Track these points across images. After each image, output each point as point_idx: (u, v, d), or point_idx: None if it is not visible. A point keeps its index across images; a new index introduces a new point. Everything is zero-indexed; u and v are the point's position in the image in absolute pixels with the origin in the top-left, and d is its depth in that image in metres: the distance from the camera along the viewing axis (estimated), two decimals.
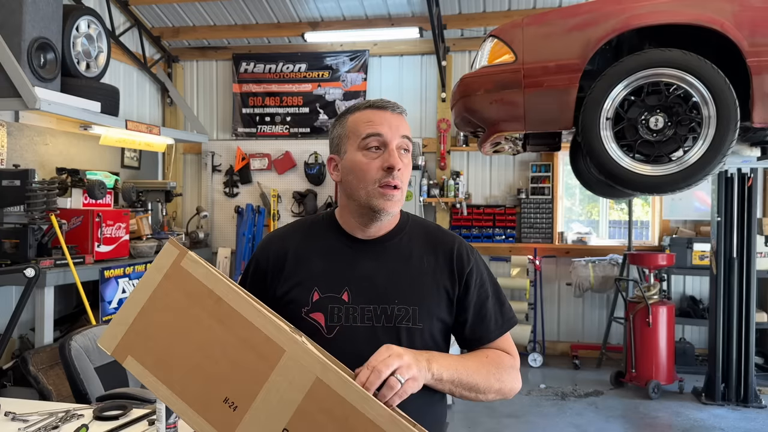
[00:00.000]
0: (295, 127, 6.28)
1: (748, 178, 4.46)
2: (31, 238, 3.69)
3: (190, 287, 1.07)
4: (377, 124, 1.32)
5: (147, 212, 5.11)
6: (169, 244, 1.11)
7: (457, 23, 5.72)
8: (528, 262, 5.70)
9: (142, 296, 1.10)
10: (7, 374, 3.70)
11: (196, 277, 1.08)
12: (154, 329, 1.08)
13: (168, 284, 1.09)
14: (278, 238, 1.46)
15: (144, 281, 1.11)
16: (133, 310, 1.09)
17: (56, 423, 1.75)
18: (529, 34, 2.92)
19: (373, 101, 1.38)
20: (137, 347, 1.07)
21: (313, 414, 0.98)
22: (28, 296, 2.55)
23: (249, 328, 1.04)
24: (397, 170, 1.30)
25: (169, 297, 1.08)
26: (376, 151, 1.32)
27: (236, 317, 1.05)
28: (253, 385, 1.01)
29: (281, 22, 6.03)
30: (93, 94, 4.43)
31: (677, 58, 2.66)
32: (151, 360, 1.06)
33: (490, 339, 1.42)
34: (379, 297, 1.34)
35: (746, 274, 4.49)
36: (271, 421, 0.99)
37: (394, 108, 1.36)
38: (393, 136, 1.32)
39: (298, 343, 1.02)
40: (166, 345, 1.07)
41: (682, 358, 5.20)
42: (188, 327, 1.07)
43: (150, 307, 1.09)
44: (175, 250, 1.10)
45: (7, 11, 3.83)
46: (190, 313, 1.07)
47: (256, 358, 1.02)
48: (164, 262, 1.10)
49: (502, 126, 3.02)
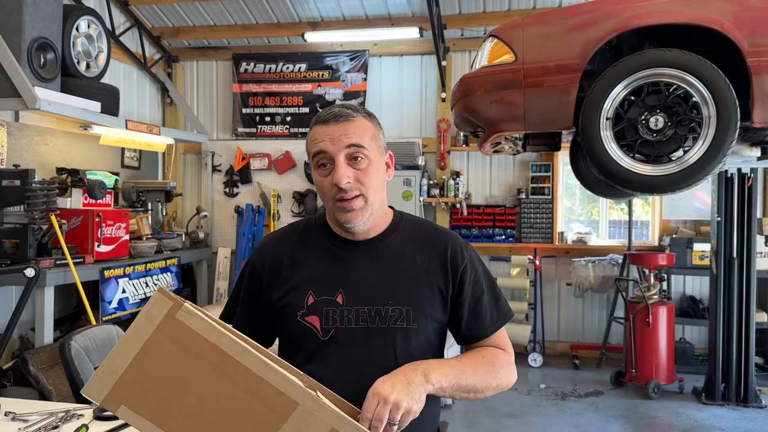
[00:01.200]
0: (295, 127, 6.28)
1: (748, 178, 4.46)
2: (31, 238, 3.69)
3: (188, 341, 1.04)
4: (320, 140, 1.31)
5: (147, 212, 5.11)
6: (159, 294, 1.05)
7: (457, 23, 5.72)
8: (528, 262, 5.70)
9: (133, 348, 1.05)
10: (7, 374, 3.70)
11: (195, 330, 1.04)
12: (149, 380, 1.05)
13: (161, 337, 1.04)
14: (273, 243, 1.47)
15: (133, 331, 1.05)
16: (124, 361, 1.05)
17: (56, 423, 1.75)
18: (529, 34, 2.91)
19: (318, 115, 1.35)
20: (131, 397, 1.04)
21: None
22: (28, 296, 2.55)
23: (258, 381, 1.02)
24: (346, 183, 1.29)
25: (163, 350, 1.04)
26: (326, 168, 1.32)
27: (243, 371, 1.02)
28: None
29: (281, 22, 6.03)
30: (93, 94, 4.43)
31: (677, 58, 2.66)
32: (148, 410, 1.03)
33: (486, 334, 1.43)
34: (373, 298, 1.34)
35: (746, 274, 4.49)
36: None
37: (337, 118, 1.31)
38: (336, 149, 1.29)
39: (312, 397, 1.01)
40: (165, 396, 1.04)
41: (682, 358, 5.20)
42: (189, 379, 1.04)
43: (143, 358, 1.05)
44: (168, 302, 1.04)
45: (7, 11, 3.83)
46: (190, 365, 1.04)
47: (267, 410, 1.02)
48: (155, 313, 1.05)
49: (502, 126, 3.02)
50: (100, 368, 1.06)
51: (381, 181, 1.36)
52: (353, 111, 1.33)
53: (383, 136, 1.40)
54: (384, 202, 1.41)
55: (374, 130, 1.36)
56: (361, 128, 1.32)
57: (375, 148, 1.35)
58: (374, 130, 1.36)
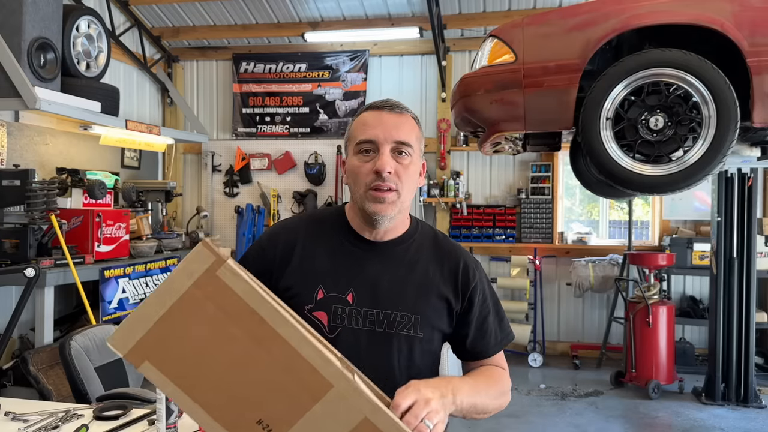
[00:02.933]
0: (295, 127, 6.28)
1: (748, 178, 4.46)
2: (31, 238, 3.68)
3: (228, 303, 0.97)
4: (371, 126, 1.31)
5: (147, 212, 5.11)
6: (202, 246, 0.98)
7: (457, 23, 5.72)
8: (528, 262, 5.70)
9: (167, 300, 0.99)
10: (7, 374, 3.70)
11: (235, 291, 0.97)
12: (179, 338, 0.99)
13: (199, 293, 0.98)
14: (287, 229, 1.44)
15: (170, 284, 0.99)
16: (155, 314, 0.99)
17: (56, 423, 1.75)
18: (529, 34, 2.92)
19: (374, 102, 1.37)
20: (157, 353, 0.99)
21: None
22: (28, 296, 2.55)
23: (294, 356, 0.96)
24: (387, 173, 1.27)
25: (199, 308, 0.98)
26: (368, 155, 1.31)
27: (279, 342, 0.96)
28: (292, 414, 0.96)
29: (281, 22, 6.03)
30: (93, 94, 4.42)
31: (677, 58, 2.66)
32: (173, 369, 0.99)
33: (488, 354, 1.44)
34: (383, 302, 1.34)
35: (746, 274, 4.49)
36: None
37: (392, 108, 1.33)
38: (386, 139, 1.29)
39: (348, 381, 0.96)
40: (194, 357, 0.99)
41: (682, 358, 5.20)
42: (221, 344, 0.98)
43: (176, 313, 0.98)
44: (211, 256, 0.97)
45: (7, 11, 3.82)
46: (225, 329, 0.98)
47: (299, 387, 0.97)
48: (196, 267, 0.98)
49: (502, 126, 3.02)
50: (129, 318, 1.00)
51: (415, 183, 1.37)
52: (405, 109, 1.36)
53: (423, 140, 1.42)
54: (409, 207, 1.41)
55: (419, 134, 1.38)
56: (410, 127, 1.34)
57: (417, 150, 1.36)
58: (419, 134, 1.38)
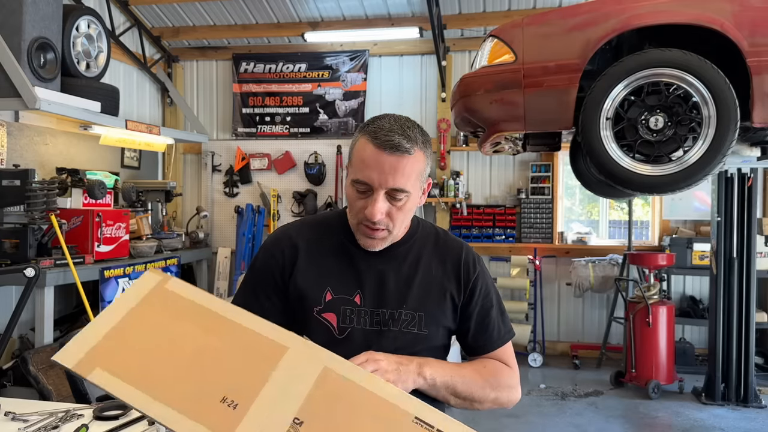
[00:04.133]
0: (295, 127, 6.28)
1: (748, 178, 4.46)
2: (31, 238, 3.68)
3: (178, 306, 1.06)
4: (368, 168, 1.24)
5: (147, 212, 5.11)
6: (149, 272, 1.10)
7: (457, 23, 5.72)
8: (528, 262, 5.70)
9: (114, 316, 1.05)
10: (7, 374, 3.70)
11: (184, 296, 1.07)
12: (131, 343, 1.02)
13: (147, 306, 1.06)
14: (291, 232, 1.44)
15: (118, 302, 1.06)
16: (102, 328, 1.04)
17: (56, 423, 1.75)
18: (529, 34, 2.91)
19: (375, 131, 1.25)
20: (108, 360, 1.00)
21: (323, 400, 0.99)
22: (28, 296, 2.55)
23: (248, 333, 1.03)
24: (378, 219, 1.26)
25: (150, 316, 1.05)
26: (363, 194, 1.28)
27: (232, 326, 1.04)
28: (255, 383, 0.99)
29: (281, 22, 6.03)
30: (93, 94, 4.42)
31: (677, 58, 2.66)
32: (126, 370, 0.99)
33: (492, 348, 1.43)
34: (389, 301, 1.35)
35: (746, 274, 4.48)
36: (278, 412, 0.97)
37: (393, 150, 1.22)
38: (380, 185, 1.24)
39: (302, 340, 1.04)
40: (147, 356, 1.01)
41: (682, 358, 5.20)
42: (175, 340, 1.03)
43: (127, 323, 1.04)
44: (157, 276, 1.09)
45: (7, 11, 3.82)
46: (177, 328, 1.04)
47: (258, 358, 1.01)
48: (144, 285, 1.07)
49: (502, 126, 3.02)
50: (76, 335, 1.04)
51: (410, 215, 1.35)
52: (411, 144, 1.24)
53: (430, 164, 1.33)
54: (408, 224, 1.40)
55: (424, 166, 1.30)
56: (411, 167, 1.25)
57: (418, 186, 1.30)
58: (424, 165, 1.30)
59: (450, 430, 0.96)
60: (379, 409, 0.98)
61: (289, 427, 0.96)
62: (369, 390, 1.00)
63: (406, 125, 1.27)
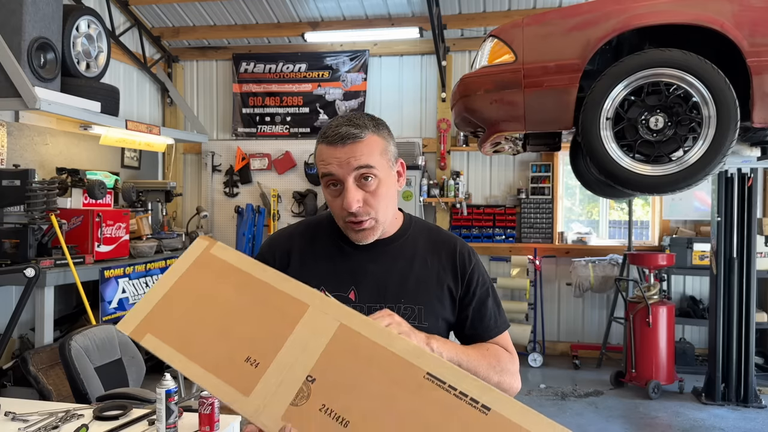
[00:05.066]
0: (295, 127, 6.28)
1: (748, 178, 4.46)
2: (31, 238, 3.68)
3: (219, 269, 1.15)
4: (327, 162, 1.27)
5: (147, 212, 5.11)
6: (199, 238, 1.21)
7: (457, 23, 5.72)
8: (528, 262, 5.70)
9: (168, 282, 1.16)
10: (7, 374, 3.70)
11: (225, 260, 1.16)
12: (178, 307, 1.13)
13: (196, 270, 1.16)
14: (283, 237, 1.47)
15: (171, 270, 1.17)
16: (158, 295, 1.15)
17: (56, 423, 1.75)
18: (529, 34, 2.92)
19: (324, 133, 1.29)
20: (157, 325, 1.11)
21: (338, 356, 1.01)
22: (28, 296, 2.55)
23: (273, 292, 1.09)
24: (357, 208, 1.27)
25: (196, 279, 1.15)
26: (336, 188, 1.29)
27: (260, 285, 1.11)
28: (276, 342, 1.04)
29: (281, 22, 6.03)
30: (93, 94, 4.43)
31: (677, 58, 2.66)
32: (171, 334, 1.09)
33: (490, 335, 1.44)
34: (386, 296, 1.35)
35: (746, 274, 4.48)
36: (294, 370, 1.01)
37: (344, 140, 1.25)
38: (345, 172, 1.26)
39: (321, 297, 1.07)
40: (189, 319, 1.11)
41: (682, 358, 5.20)
42: (213, 300, 1.11)
43: (176, 289, 1.15)
44: (205, 242, 1.20)
45: (7, 11, 3.82)
46: (217, 289, 1.13)
47: (280, 316, 1.06)
48: (194, 251, 1.18)
49: (502, 126, 3.02)
50: (137, 305, 1.16)
51: (391, 196, 1.34)
52: (360, 129, 1.27)
53: (394, 145, 1.35)
54: (394, 211, 1.40)
55: (384, 145, 1.31)
56: (368, 147, 1.27)
57: (385, 163, 1.31)
58: (384, 144, 1.31)
59: (461, 384, 0.95)
60: (391, 364, 0.99)
61: (302, 384, 0.99)
62: (381, 345, 1.00)
63: (354, 116, 1.31)
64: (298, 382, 0.99)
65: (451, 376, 0.96)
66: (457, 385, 0.95)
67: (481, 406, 0.93)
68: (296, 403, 0.98)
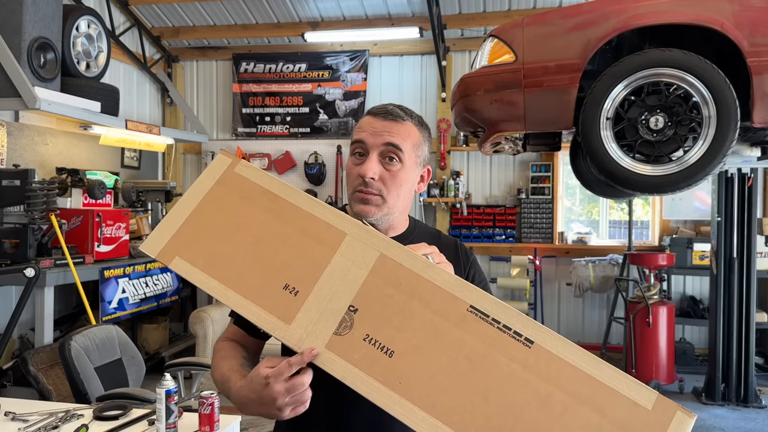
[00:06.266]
0: (295, 127, 6.28)
1: (748, 178, 4.46)
2: (31, 238, 3.69)
3: (245, 189, 1.09)
4: (363, 130, 1.31)
5: (147, 212, 5.11)
6: (221, 155, 1.14)
7: (457, 23, 5.72)
8: (528, 262, 5.70)
9: (192, 201, 1.10)
10: (7, 374, 3.70)
11: (250, 179, 1.10)
12: (204, 230, 1.08)
13: (220, 189, 1.10)
14: None
15: (194, 187, 1.11)
16: (182, 214, 1.09)
17: (56, 423, 1.75)
18: (529, 34, 2.91)
19: (372, 107, 1.36)
20: (186, 248, 1.06)
21: (380, 287, 0.99)
22: (28, 296, 2.55)
23: (307, 218, 1.06)
24: (370, 179, 1.27)
25: (221, 200, 1.09)
26: (360, 158, 1.31)
27: (293, 210, 1.06)
28: (314, 270, 1.02)
29: (281, 22, 6.03)
30: (93, 94, 4.43)
31: (677, 58, 2.66)
32: (201, 258, 1.05)
33: None
34: None
35: (746, 274, 4.48)
36: (335, 299, 0.99)
37: (386, 115, 1.31)
38: (374, 143, 1.29)
39: (359, 226, 1.04)
40: (219, 242, 1.06)
41: (682, 358, 5.20)
42: (242, 224, 1.07)
43: (201, 210, 1.09)
44: (228, 159, 1.12)
45: (7, 11, 3.83)
46: (245, 211, 1.08)
47: (317, 244, 1.03)
48: (216, 169, 1.12)
49: (502, 126, 3.02)
50: (158, 225, 1.10)
51: (407, 189, 1.35)
52: (406, 115, 1.33)
53: (428, 150, 1.38)
54: (405, 210, 1.40)
55: (419, 139, 1.34)
56: (406, 132, 1.31)
57: (413, 156, 1.33)
58: (419, 138, 1.34)
59: (504, 317, 0.95)
60: (434, 296, 0.98)
61: (344, 314, 0.99)
62: (424, 278, 0.99)
63: (402, 107, 1.35)
64: (341, 312, 0.98)
65: (494, 309, 0.96)
66: (500, 318, 0.95)
67: (525, 339, 0.93)
68: (340, 332, 0.98)
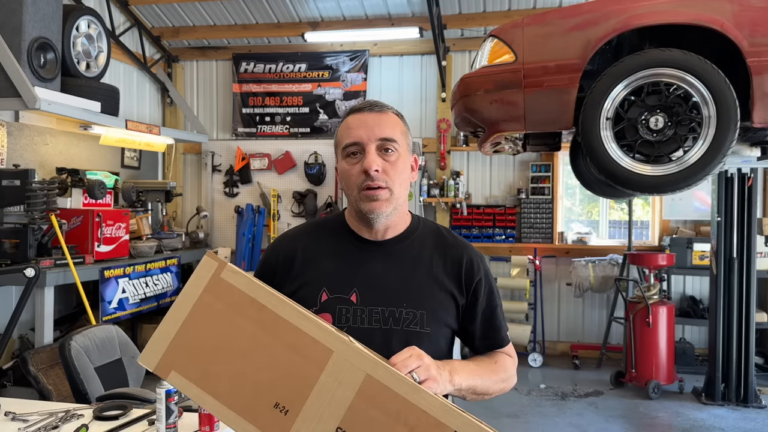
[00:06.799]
0: (295, 127, 6.28)
1: (748, 178, 4.46)
2: (31, 238, 3.69)
3: (232, 298, 1.09)
4: (354, 129, 1.33)
5: (147, 212, 5.11)
6: (207, 257, 1.13)
7: (457, 23, 5.72)
8: (528, 262, 5.70)
9: (183, 310, 1.10)
10: (7, 374, 3.70)
11: (237, 287, 1.09)
12: (196, 342, 1.09)
13: (208, 297, 1.10)
14: (288, 238, 1.48)
15: (183, 296, 1.12)
16: (174, 325, 1.10)
17: (56, 423, 1.75)
18: (529, 34, 2.92)
19: (353, 107, 1.39)
20: (180, 361, 1.08)
21: (366, 410, 1.00)
22: (28, 296, 2.55)
23: (294, 332, 1.05)
24: (375, 171, 1.29)
25: (210, 309, 1.09)
26: (355, 157, 1.33)
27: (281, 323, 1.06)
28: (302, 389, 1.02)
29: (281, 22, 6.03)
30: (93, 94, 4.43)
31: (677, 58, 2.66)
32: (195, 373, 1.07)
33: (501, 346, 1.47)
34: (387, 299, 1.34)
35: (746, 274, 4.49)
36: (324, 422, 1.00)
37: (372, 108, 1.35)
38: (369, 138, 1.31)
39: (345, 343, 1.04)
40: (211, 356, 1.07)
41: (682, 358, 5.20)
42: (232, 337, 1.07)
43: (191, 321, 1.10)
44: (214, 263, 1.11)
45: (7, 11, 3.83)
46: (234, 323, 1.08)
47: (304, 361, 1.03)
48: (203, 274, 1.11)
49: (502, 126, 3.02)
50: (154, 335, 1.10)
51: (406, 178, 1.38)
52: (386, 107, 1.37)
53: (410, 136, 1.42)
54: (406, 202, 1.41)
55: (404, 128, 1.39)
56: (393, 122, 1.35)
57: (405, 144, 1.37)
58: (404, 129, 1.39)
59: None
60: (419, 421, 0.99)
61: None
62: (409, 401, 1.00)
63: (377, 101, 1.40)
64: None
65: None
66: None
67: None
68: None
